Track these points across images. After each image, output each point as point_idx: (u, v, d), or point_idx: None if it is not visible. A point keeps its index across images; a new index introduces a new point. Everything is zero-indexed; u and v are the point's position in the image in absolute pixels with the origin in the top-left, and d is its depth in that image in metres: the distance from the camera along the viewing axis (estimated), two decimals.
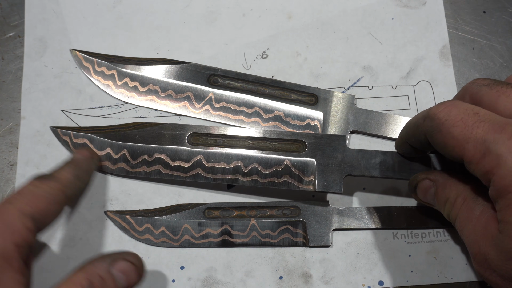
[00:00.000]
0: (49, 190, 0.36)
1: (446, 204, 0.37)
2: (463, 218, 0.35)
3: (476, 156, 0.31)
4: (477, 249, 0.33)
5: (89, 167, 0.42)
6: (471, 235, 0.34)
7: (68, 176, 0.38)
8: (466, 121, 0.32)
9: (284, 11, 0.50)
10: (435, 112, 0.33)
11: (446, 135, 0.32)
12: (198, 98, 0.47)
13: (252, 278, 0.44)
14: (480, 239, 0.33)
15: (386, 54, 0.49)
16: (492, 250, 0.32)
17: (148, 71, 0.47)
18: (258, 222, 0.44)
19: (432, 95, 0.48)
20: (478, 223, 0.34)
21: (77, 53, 0.48)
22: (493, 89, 0.34)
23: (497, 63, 0.49)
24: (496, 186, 0.30)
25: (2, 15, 0.50)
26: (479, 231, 0.33)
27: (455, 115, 0.32)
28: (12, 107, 0.48)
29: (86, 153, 0.43)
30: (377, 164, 0.42)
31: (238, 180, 0.43)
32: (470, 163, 0.32)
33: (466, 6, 0.51)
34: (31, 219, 0.34)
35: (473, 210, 0.34)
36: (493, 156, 0.30)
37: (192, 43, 0.49)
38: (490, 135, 0.30)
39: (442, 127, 0.33)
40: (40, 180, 0.36)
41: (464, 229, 0.35)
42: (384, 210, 0.45)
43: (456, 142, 0.32)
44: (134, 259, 0.35)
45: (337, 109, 0.46)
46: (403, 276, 0.44)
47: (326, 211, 0.44)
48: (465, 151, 0.31)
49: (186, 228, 0.44)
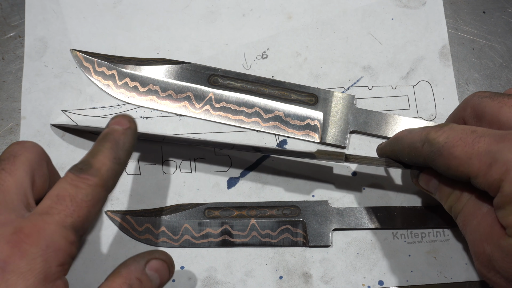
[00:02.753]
0: (90, 191, 0.31)
1: (450, 196, 0.36)
2: (468, 213, 0.34)
3: (482, 169, 0.31)
4: (481, 248, 0.33)
5: (130, 143, 0.34)
6: (475, 233, 0.33)
7: (109, 164, 0.32)
8: (465, 139, 0.32)
9: (284, 11, 0.50)
10: (434, 137, 0.33)
11: (448, 156, 0.32)
12: (198, 98, 0.47)
13: (252, 278, 0.44)
14: (485, 238, 0.32)
15: (386, 54, 0.49)
16: (498, 251, 0.31)
17: (148, 71, 0.47)
18: (258, 222, 0.44)
19: (432, 95, 0.48)
20: (483, 221, 0.33)
21: (77, 53, 0.48)
22: (495, 100, 0.35)
23: (496, 63, 0.49)
24: (506, 191, 0.30)
25: (2, 15, 0.50)
26: (484, 229, 0.33)
27: (454, 136, 0.32)
28: (12, 107, 0.48)
29: (125, 123, 0.35)
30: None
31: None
32: (477, 177, 0.31)
33: (466, 6, 0.51)
34: (73, 230, 0.30)
35: (481, 206, 0.34)
36: (500, 163, 0.30)
37: (192, 43, 0.49)
38: (493, 146, 0.31)
39: (442, 150, 0.33)
40: (78, 176, 0.31)
41: (467, 225, 0.34)
42: (384, 210, 0.45)
43: (459, 161, 0.32)
44: (164, 257, 0.34)
45: (337, 109, 0.46)
46: (403, 276, 0.44)
47: (326, 211, 0.44)
48: (470, 167, 0.31)
49: (186, 228, 0.44)
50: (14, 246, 0.28)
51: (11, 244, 0.28)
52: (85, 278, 0.43)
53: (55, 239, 0.29)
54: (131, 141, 0.34)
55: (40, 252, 0.28)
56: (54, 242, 0.29)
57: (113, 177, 0.33)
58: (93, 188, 0.31)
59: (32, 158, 0.32)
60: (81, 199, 0.30)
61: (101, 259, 0.44)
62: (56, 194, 0.30)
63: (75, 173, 0.31)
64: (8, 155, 0.32)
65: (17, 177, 0.31)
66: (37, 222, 0.29)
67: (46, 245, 0.29)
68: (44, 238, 0.29)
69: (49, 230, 0.29)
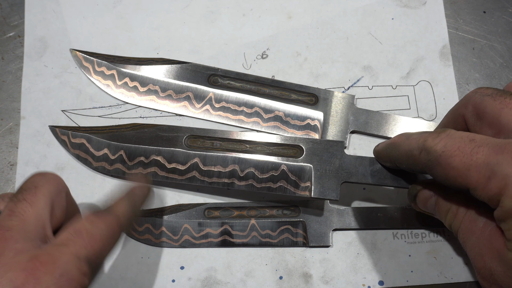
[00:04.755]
0: (105, 227, 0.33)
1: (448, 214, 0.36)
2: (466, 230, 0.34)
3: (481, 181, 0.30)
4: (481, 263, 0.33)
5: (144, 195, 0.39)
6: (475, 248, 0.33)
7: (125, 208, 0.36)
8: (463, 149, 0.31)
9: (284, 11, 0.50)
10: (431, 145, 0.33)
11: (446, 167, 0.32)
12: (198, 98, 0.47)
13: (252, 278, 0.44)
14: (485, 252, 0.32)
15: (386, 54, 0.49)
16: (499, 265, 0.31)
17: (148, 71, 0.47)
18: (258, 222, 0.44)
19: (432, 95, 0.48)
20: (482, 236, 0.33)
21: (77, 53, 0.48)
22: (497, 100, 0.34)
23: (497, 63, 0.49)
24: (506, 207, 0.30)
25: (2, 15, 0.50)
26: (484, 244, 0.33)
27: (451, 145, 0.32)
28: (12, 107, 0.48)
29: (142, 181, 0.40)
30: (375, 172, 0.41)
31: (234, 184, 0.42)
32: (475, 189, 0.31)
33: (466, 6, 0.51)
34: (87, 263, 0.31)
35: (476, 221, 0.34)
36: (499, 177, 0.30)
37: (192, 43, 0.49)
38: (492, 158, 0.30)
39: (440, 159, 0.32)
40: (97, 215, 0.34)
41: (467, 241, 0.34)
42: (384, 210, 0.45)
43: (457, 172, 0.31)
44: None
45: (337, 109, 0.46)
46: (403, 276, 0.44)
47: (326, 211, 0.44)
48: (469, 178, 0.31)
49: (186, 228, 0.44)
50: (29, 274, 0.28)
51: (26, 272, 0.28)
52: None
53: (69, 269, 0.30)
54: (146, 194, 0.39)
55: (53, 280, 0.29)
56: (68, 271, 0.29)
57: (128, 220, 0.36)
58: (108, 225, 0.33)
59: (52, 190, 0.33)
60: (97, 233, 0.32)
61: None
62: (73, 227, 0.32)
63: (95, 214, 0.34)
64: (30, 186, 0.33)
65: (37, 208, 0.32)
66: (53, 252, 0.30)
67: (60, 274, 0.29)
68: (58, 267, 0.29)
69: (63, 260, 0.30)
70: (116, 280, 0.44)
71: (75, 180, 0.46)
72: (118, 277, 0.44)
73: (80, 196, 0.45)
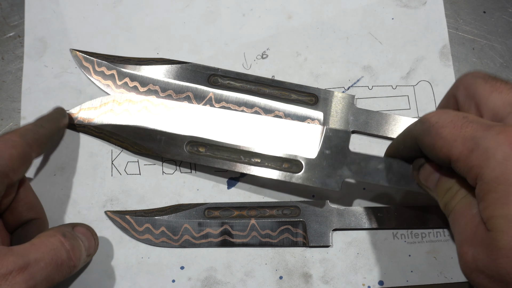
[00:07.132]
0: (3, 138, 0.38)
1: (446, 193, 0.36)
2: (459, 213, 0.34)
3: (464, 153, 0.31)
4: (465, 248, 0.32)
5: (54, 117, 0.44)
6: (462, 233, 0.33)
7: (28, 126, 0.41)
8: (455, 122, 0.32)
9: (284, 11, 0.50)
10: (427, 117, 0.34)
11: (435, 136, 0.33)
12: (198, 98, 0.47)
13: (252, 278, 0.44)
14: (470, 238, 0.32)
15: (386, 54, 0.49)
16: (481, 250, 0.31)
17: (148, 71, 0.47)
18: (258, 222, 0.44)
19: (432, 95, 0.48)
20: (471, 221, 0.33)
21: (77, 53, 0.48)
22: (488, 83, 0.35)
23: (497, 63, 0.49)
24: (485, 179, 0.30)
25: (2, 15, 0.50)
26: (470, 229, 0.32)
27: (445, 118, 0.33)
28: (12, 107, 0.48)
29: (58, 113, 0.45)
30: (375, 171, 0.41)
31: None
32: (457, 161, 0.32)
33: (466, 6, 0.51)
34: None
35: (471, 206, 0.34)
36: (481, 150, 0.30)
37: (192, 43, 0.49)
38: (479, 132, 0.31)
39: (432, 129, 0.33)
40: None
41: (456, 223, 0.34)
42: (384, 210, 0.45)
43: (444, 141, 0.32)
44: (88, 226, 0.41)
45: (337, 109, 0.46)
46: (403, 276, 0.44)
47: (326, 211, 0.44)
48: (453, 149, 0.32)
49: (186, 228, 0.44)
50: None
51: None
52: (85, 278, 0.43)
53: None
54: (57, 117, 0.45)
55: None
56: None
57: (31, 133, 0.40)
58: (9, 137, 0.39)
59: None
60: None
61: (101, 259, 0.44)
62: None
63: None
64: None
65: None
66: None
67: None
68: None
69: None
70: (116, 280, 0.44)
71: (75, 180, 0.46)
72: (118, 277, 0.44)
73: (80, 196, 0.45)
